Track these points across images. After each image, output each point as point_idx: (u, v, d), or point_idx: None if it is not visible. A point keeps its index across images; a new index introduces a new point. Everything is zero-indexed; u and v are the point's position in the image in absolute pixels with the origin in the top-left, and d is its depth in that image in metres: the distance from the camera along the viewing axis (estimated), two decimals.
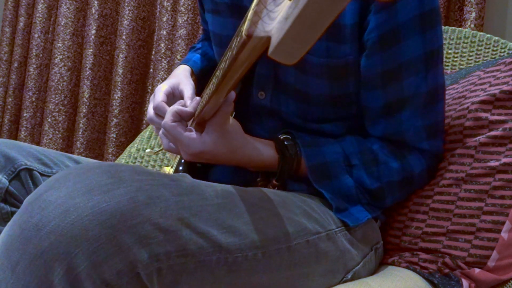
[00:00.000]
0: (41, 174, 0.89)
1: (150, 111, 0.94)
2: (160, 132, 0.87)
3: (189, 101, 0.86)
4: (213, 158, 0.81)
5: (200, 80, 1.08)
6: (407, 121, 0.88)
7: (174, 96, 0.95)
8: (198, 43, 1.20)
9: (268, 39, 0.42)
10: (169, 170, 1.05)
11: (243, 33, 0.45)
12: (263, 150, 0.86)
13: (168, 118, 0.80)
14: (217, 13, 0.96)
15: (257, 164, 0.86)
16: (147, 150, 1.59)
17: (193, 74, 1.05)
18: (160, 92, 0.93)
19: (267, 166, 0.87)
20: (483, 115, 0.91)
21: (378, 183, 0.87)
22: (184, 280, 0.59)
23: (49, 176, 0.90)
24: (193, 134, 0.79)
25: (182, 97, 0.94)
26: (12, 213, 0.85)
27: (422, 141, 0.90)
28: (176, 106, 0.80)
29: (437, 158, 0.94)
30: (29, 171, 0.88)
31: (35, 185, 0.88)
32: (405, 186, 0.91)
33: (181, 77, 0.99)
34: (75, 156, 0.98)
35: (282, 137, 0.87)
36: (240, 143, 0.82)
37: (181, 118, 0.80)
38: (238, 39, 0.49)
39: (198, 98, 0.82)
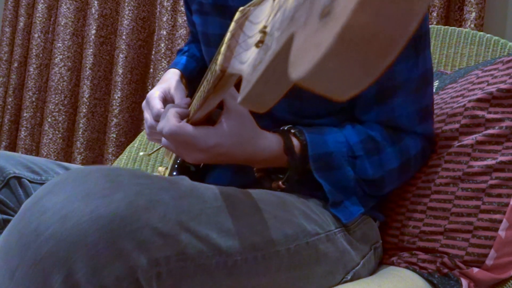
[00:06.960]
0: (30, 182, 0.90)
1: (148, 117, 0.95)
2: (164, 140, 0.80)
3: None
4: (227, 151, 0.75)
5: (190, 82, 1.09)
6: (400, 107, 0.88)
7: (166, 101, 0.96)
8: (185, 46, 1.22)
9: (240, 77, 0.41)
10: (164, 170, 1.05)
11: (217, 68, 0.46)
12: (272, 144, 0.81)
13: (171, 121, 0.74)
14: (204, 13, 0.97)
15: (266, 158, 0.81)
16: (141, 153, 1.59)
17: (183, 77, 1.07)
18: (155, 99, 0.94)
19: (275, 161, 0.82)
20: (480, 113, 0.92)
21: (380, 173, 0.87)
22: (183, 284, 0.60)
23: (39, 183, 0.91)
24: (205, 127, 0.73)
25: (173, 103, 0.95)
26: (4, 221, 0.86)
27: (415, 126, 0.91)
28: (173, 109, 0.77)
29: (429, 140, 0.94)
30: (18, 179, 0.89)
31: (25, 192, 0.89)
32: (403, 172, 0.91)
33: (172, 81, 1.00)
34: (65, 164, 0.99)
35: (286, 128, 0.84)
36: (255, 133, 0.78)
37: (181, 118, 0.77)
38: (213, 71, 0.50)
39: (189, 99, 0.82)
